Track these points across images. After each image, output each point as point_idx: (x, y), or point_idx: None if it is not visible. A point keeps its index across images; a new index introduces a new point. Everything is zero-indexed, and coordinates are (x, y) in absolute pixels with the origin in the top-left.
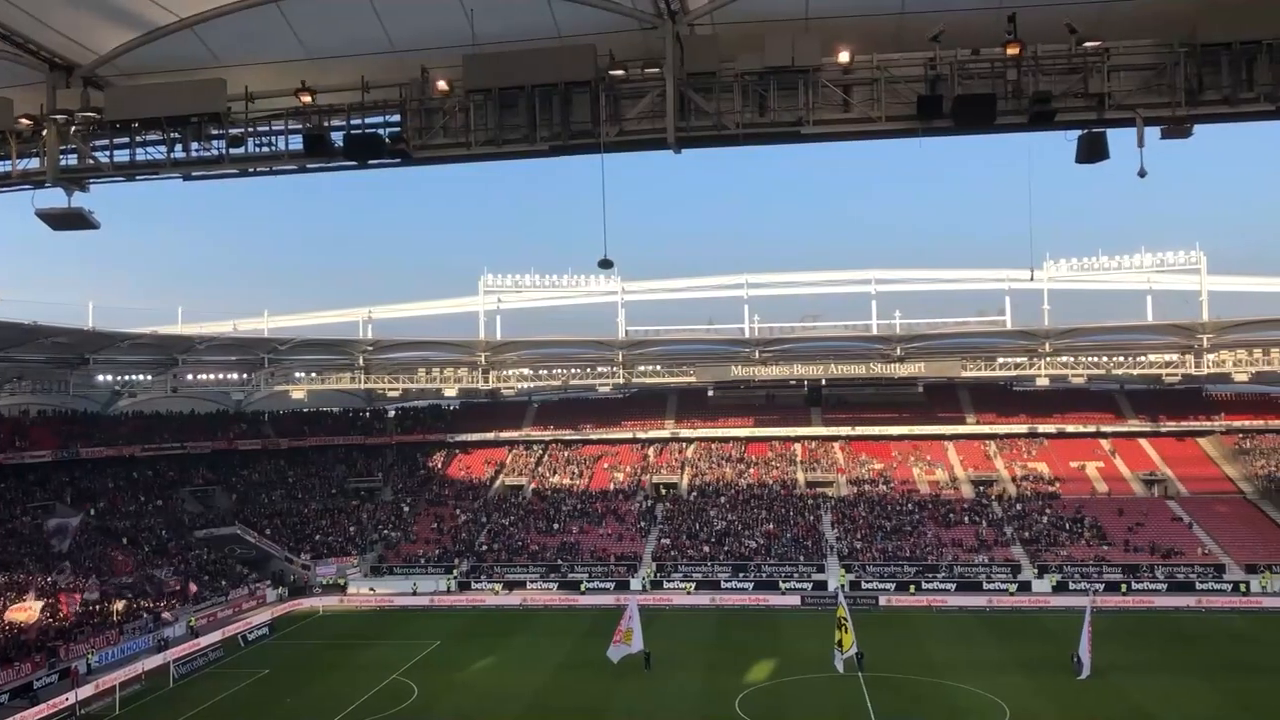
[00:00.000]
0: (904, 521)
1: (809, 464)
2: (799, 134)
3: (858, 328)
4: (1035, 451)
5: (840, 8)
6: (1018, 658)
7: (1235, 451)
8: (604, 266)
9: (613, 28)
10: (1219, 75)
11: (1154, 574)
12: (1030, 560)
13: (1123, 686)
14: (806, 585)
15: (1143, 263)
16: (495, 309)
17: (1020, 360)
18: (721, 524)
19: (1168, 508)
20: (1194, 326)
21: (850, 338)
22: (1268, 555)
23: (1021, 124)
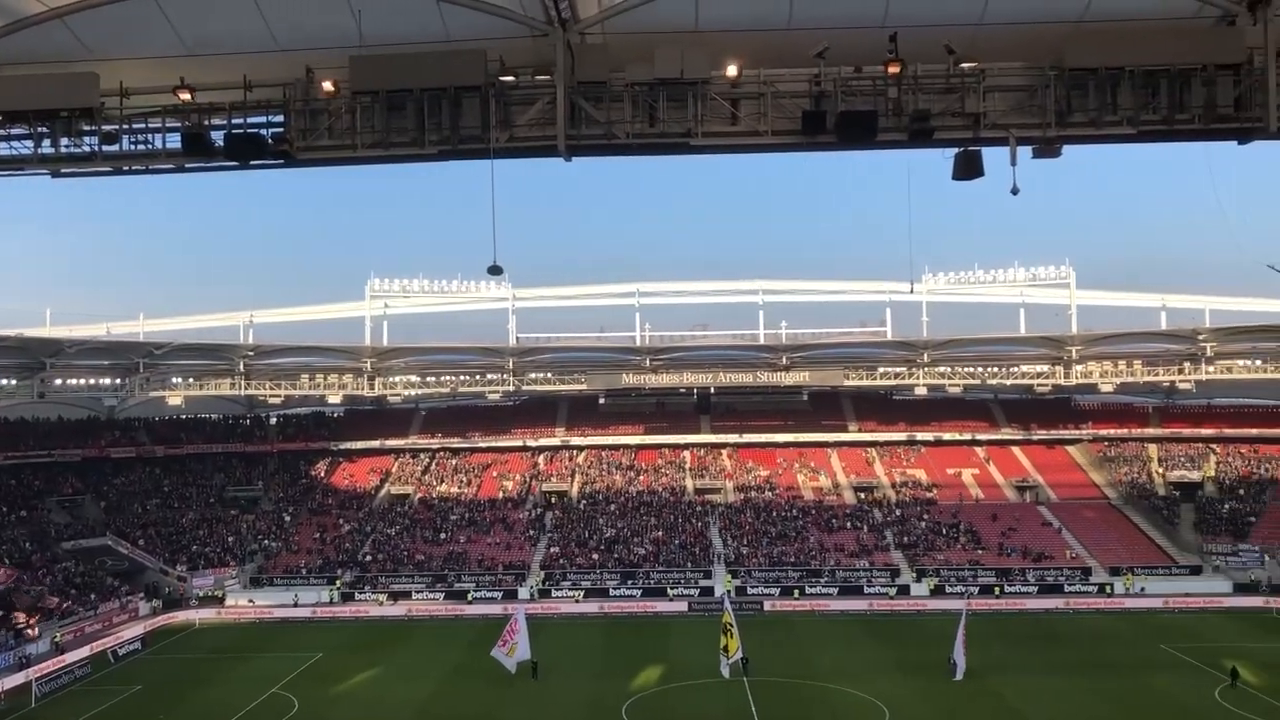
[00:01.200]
0: (789, 527)
1: (698, 471)
2: (688, 145)
3: (746, 337)
4: (914, 459)
5: (728, 21)
6: (897, 660)
7: (1101, 459)
8: (494, 273)
9: (503, 34)
10: (1086, 99)
11: (1025, 577)
12: (909, 564)
13: (996, 686)
14: (694, 591)
15: (1016, 277)
16: (382, 314)
17: (900, 370)
18: (611, 531)
19: (1038, 513)
20: (1063, 339)
21: (739, 347)
22: (1130, 558)
23: (901, 141)
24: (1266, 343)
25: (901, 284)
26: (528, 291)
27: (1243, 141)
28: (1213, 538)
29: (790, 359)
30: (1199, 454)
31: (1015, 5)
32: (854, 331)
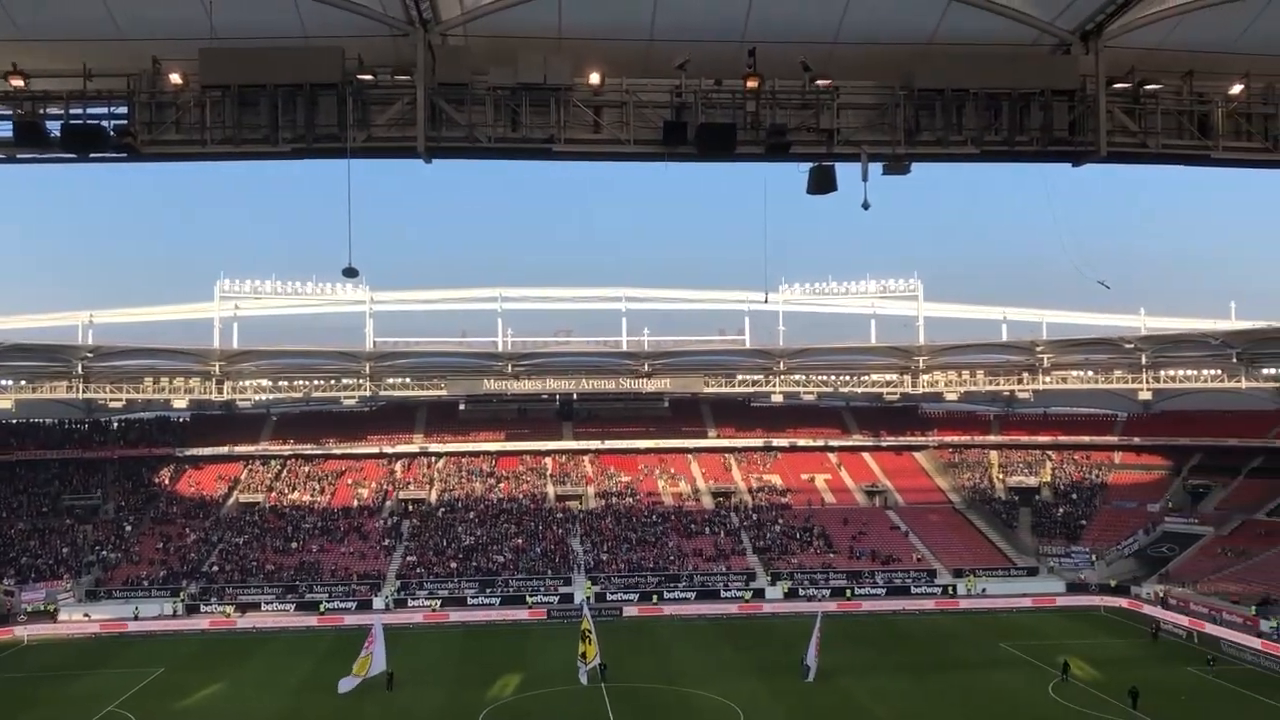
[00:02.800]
0: (649, 533)
1: (559, 477)
2: (550, 151)
3: (609, 344)
4: (770, 464)
5: (591, 29)
6: (752, 663)
7: (946, 465)
8: (349, 275)
9: (362, 32)
10: (933, 119)
11: (874, 579)
12: (764, 568)
13: (846, 686)
14: (553, 599)
15: (868, 289)
16: (232, 316)
17: (758, 378)
18: (470, 539)
19: (887, 517)
20: (911, 349)
21: (601, 353)
22: (972, 560)
23: (759, 154)
24: (1098, 354)
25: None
26: (386, 294)
27: (1076, 164)
28: (1048, 540)
29: (652, 366)
30: (1036, 460)
31: (868, 25)
32: (714, 340)
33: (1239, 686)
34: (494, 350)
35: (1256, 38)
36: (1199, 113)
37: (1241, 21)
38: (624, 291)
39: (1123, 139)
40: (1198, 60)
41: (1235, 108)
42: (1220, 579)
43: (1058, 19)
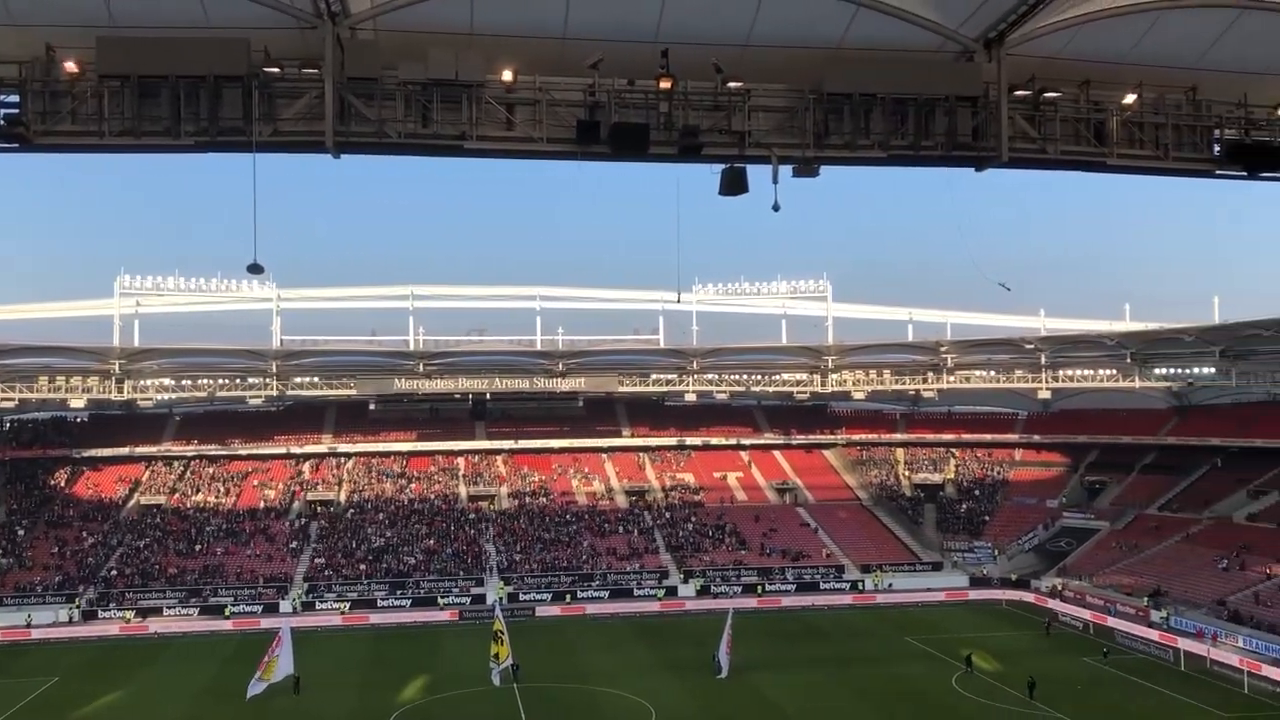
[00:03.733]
0: (562, 533)
1: (472, 478)
2: (462, 148)
3: (523, 343)
4: (683, 463)
5: (504, 26)
6: (664, 661)
7: (854, 462)
8: (254, 271)
9: (269, 23)
10: (842, 122)
11: (785, 576)
12: (677, 566)
13: (756, 682)
14: (465, 600)
15: (779, 290)
16: (133, 313)
17: (671, 377)
18: (380, 541)
19: (797, 514)
20: (821, 349)
21: (515, 352)
22: (879, 556)
23: (672, 155)
24: (999, 355)
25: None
26: (294, 292)
27: (979, 168)
28: (952, 536)
29: (566, 365)
30: (940, 458)
31: (779, 29)
32: (628, 339)
33: (1132, 675)
34: (405, 349)
35: (1148, 51)
36: (1095, 120)
37: (1133, 35)
38: (538, 290)
39: (1023, 144)
40: (1094, 70)
41: (1129, 116)
42: (1115, 572)
43: (962, 26)
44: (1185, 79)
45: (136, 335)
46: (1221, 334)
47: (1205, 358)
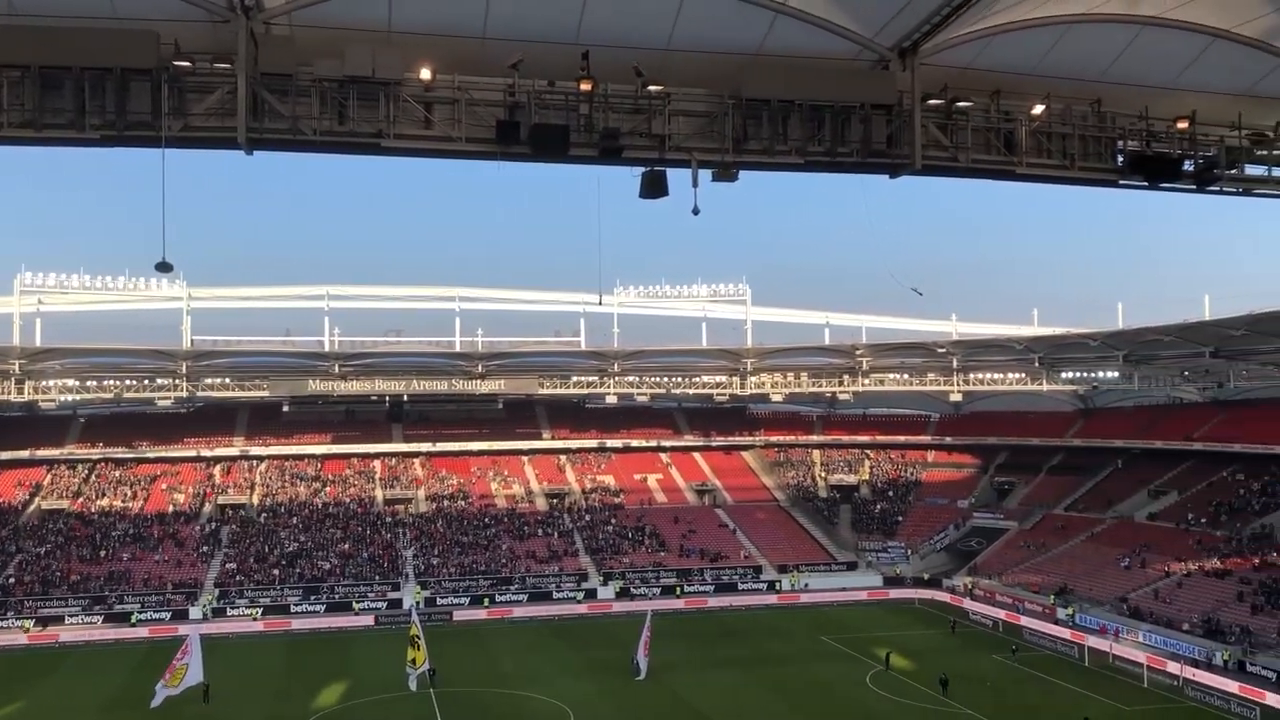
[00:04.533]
0: (481, 536)
1: (388, 481)
2: (379, 146)
3: (442, 344)
4: (604, 465)
5: (423, 25)
6: (583, 663)
7: (772, 464)
8: (162, 270)
9: (179, 16)
10: (760, 128)
11: (703, 577)
12: (597, 568)
13: (673, 683)
14: (382, 605)
15: (699, 293)
16: (35, 311)
17: (592, 379)
18: (294, 545)
19: (716, 515)
20: (740, 352)
21: (434, 354)
22: (796, 556)
23: (593, 156)
24: (912, 358)
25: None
26: (205, 291)
27: (893, 175)
28: (866, 536)
29: (486, 367)
30: (856, 459)
31: (699, 33)
32: (549, 341)
33: (1038, 671)
34: (321, 350)
35: (1055, 64)
36: (1005, 130)
37: (1042, 48)
38: (458, 291)
39: (936, 153)
40: (1004, 81)
41: (1037, 127)
42: (1023, 570)
43: (877, 36)
44: (1090, 91)
45: (38, 334)
46: (1124, 339)
47: (1109, 362)
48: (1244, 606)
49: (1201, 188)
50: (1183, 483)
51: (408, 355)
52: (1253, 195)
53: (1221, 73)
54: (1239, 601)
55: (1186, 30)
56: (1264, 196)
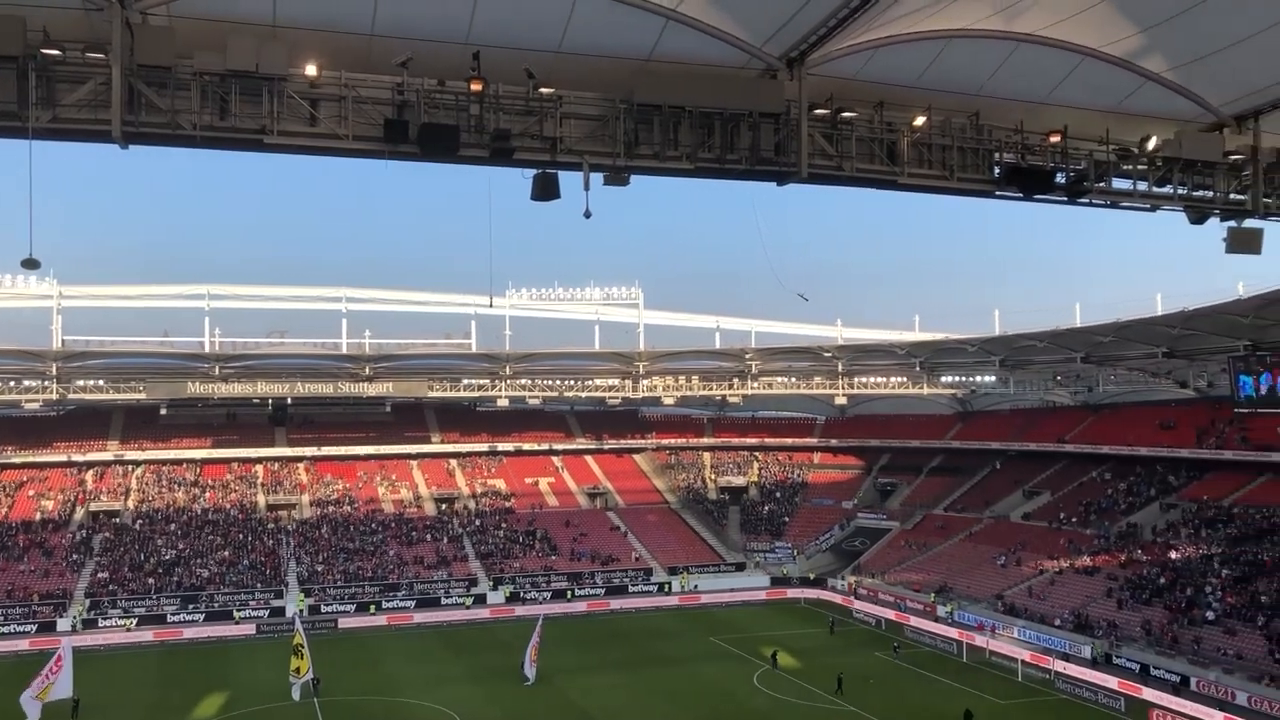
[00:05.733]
0: (367, 542)
1: (271, 486)
2: (262, 143)
3: (327, 345)
4: (494, 469)
5: (309, 20)
6: (471, 669)
7: (663, 466)
8: (29, 267)
9: (49, 1)
10: (651, 133)
11: (594, 580)
12: (486, 573)
13: (563, 686)
14: (263, 613)
15: (592, 296)
16: None
17: (483, 382)
18: (171, 553)
19: (607, 518)
20: (632, 355)
21: (319, 356)
22: (686, 558)
23: (483, 158)
24: (800, 362)
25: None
26: (77, 289)
27: (781, 183)
28: (754, 537)
29: (373, 369)
30: (745, 461)
31: (591, 37)
32: (439, 343)
33: (919, 668)
34: (200, 351)
35: (936, 77)
36: (888, 141)
37: (923, 61)
38: (344, 291)
39: (822, 162)
40: (887, 93)
41: (918, 138)
42: (904, 569)
43: (766, 45)
44: (969, 105)
45: None
46: (1001, 345)
47: (986, 366)
48: (1111, 602)
49: (1072, 199)
50: (1055, 483)
51: (292, 357)
52: (1119, 208)
53: (1091, 90)
54: (1107, 597)
55: (1059, 48)
56: (1129, 209)
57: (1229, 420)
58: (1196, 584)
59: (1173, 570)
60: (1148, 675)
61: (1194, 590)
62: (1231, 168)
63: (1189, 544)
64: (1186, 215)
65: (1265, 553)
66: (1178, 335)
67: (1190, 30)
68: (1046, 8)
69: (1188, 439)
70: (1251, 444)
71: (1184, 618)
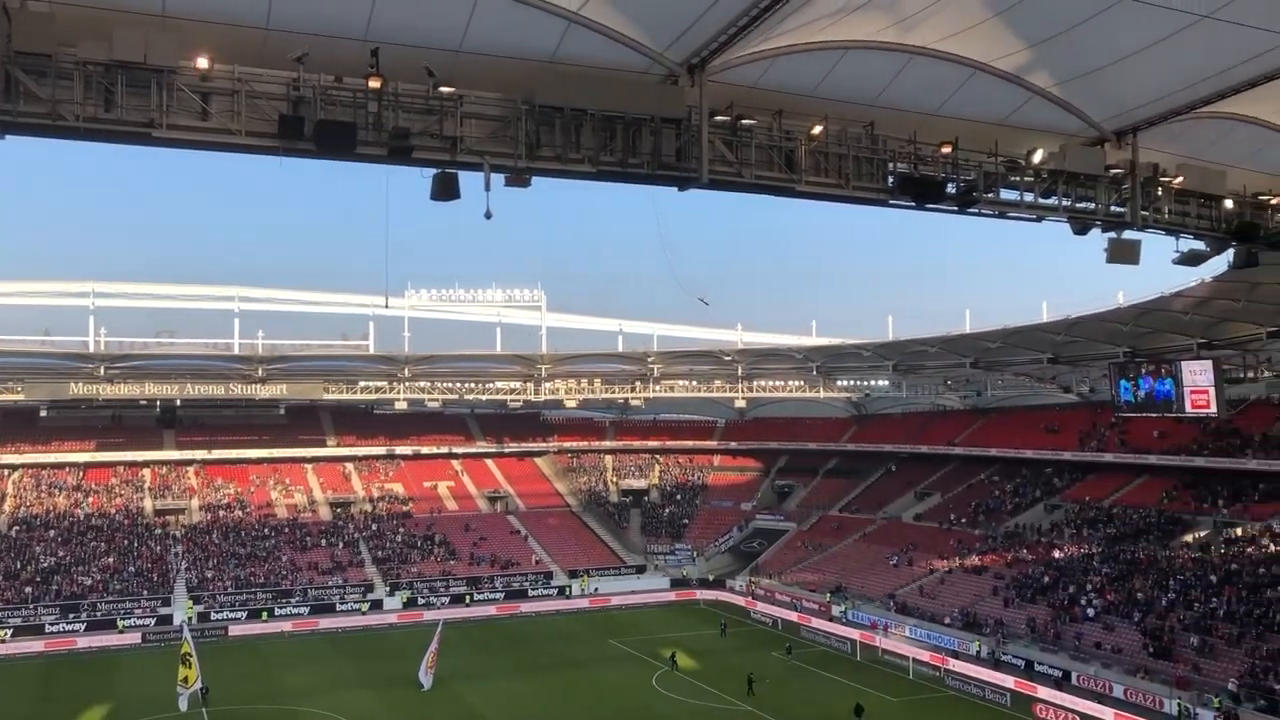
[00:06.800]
0: (259, 547)
1: (159, 490)
2: (150, 136)
3: (219, 346)
4: (392, 472)
5: (201, 11)
6: (367, 676)
7: (565, 470)
8: None
9: None
10: (553, 135)
11: (494, 584)
12: (383, 579)
13: (461, 692)
14: (150, 621)
15: (494, 298)
16: None
17: (381, 384)
18: (50, 561)
19: (508, 522)
20: (534, 358)
21: (210, 356)
22: (587, 561)
23: (381, 156)
24: (701, 365)
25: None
26: None
27: (682, 188)
28: (655, 539)
29: (267, 371)
30: (646, 464)
31: (492, 38)
32: (335, 344)
33: (814, 667)
34: (84, 351)
35: (832, 87)
36: (787, 149)
37: (820, 71)
38: (237, 291)
39: (722, 168)
40: (786, 101)
41: (816, 147)
42: (801, 570)
43: (668, 51)
44: (865, 115)
45: None
46: (894, 349)
47: (880, 371)
48: (998, 600)
49: (962, 209)
50: (945, 485)
51: (181, 357)
52: (1007, 218)
53: (982, 103)
54: (994, 596)
55: (951, 61)
56: (1016, 219)
57: (1109, 424)
58: (1078, 582)
59: (1056, 569)
60: (1032, 671)
61: (1075, 588)
62: (1112, 181)
63: (1071, 543)
64: (1070, 226)
65: (1141, 551)
66: (1062, 342)
67: (1075, 48)
68: (940, 21)
69: (1071, 442)
70: (1130, 447)
71: (1066, 615)
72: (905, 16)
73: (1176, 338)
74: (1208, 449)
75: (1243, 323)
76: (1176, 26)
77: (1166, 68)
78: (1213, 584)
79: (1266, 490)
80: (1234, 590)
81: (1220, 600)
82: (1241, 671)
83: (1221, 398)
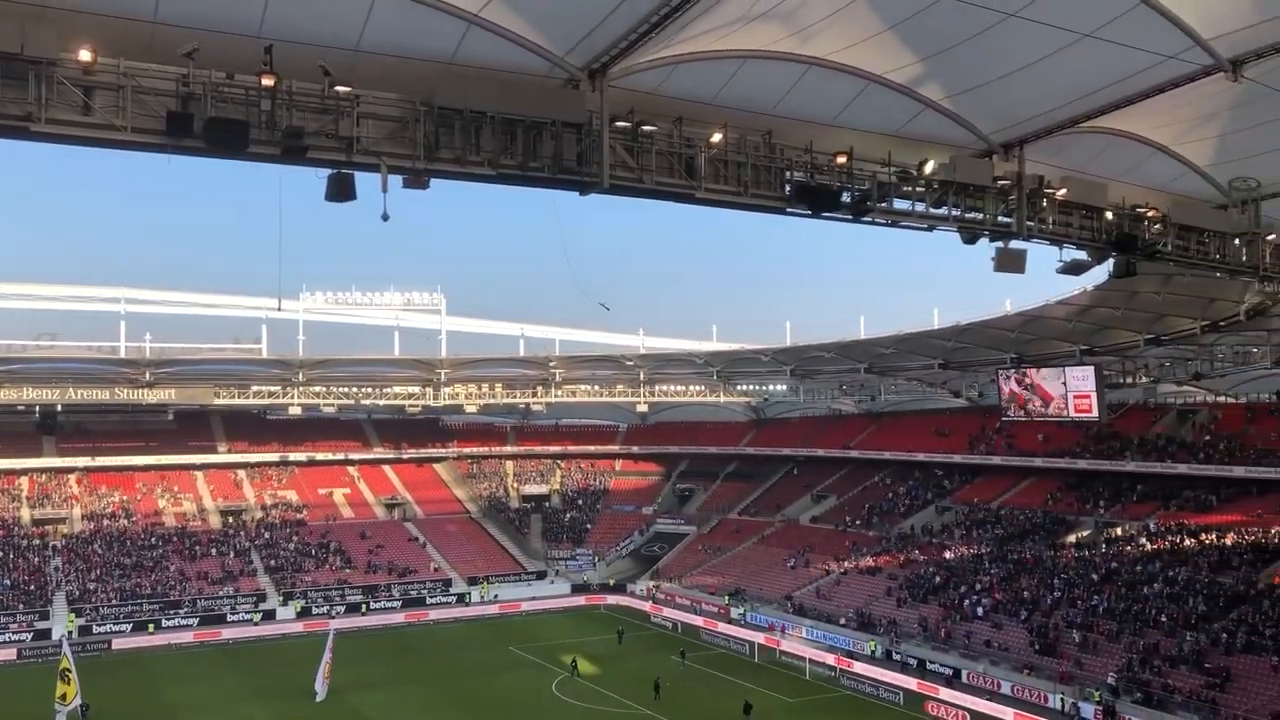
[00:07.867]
0: (146, 557)
1: (38, 499)
2: (29, 130)
3: (103, 349)
4: (286, 479)
5: (85, 2)
6: (258, 688)
7: (465, 475)
8: None
9: None
10: (453, 137)
11: (391, 593)
12: (276, 588)
13: (357, 704)
14: (27, 636)
15: (392, 301)
16: None
17: (275, 389)
18: None
19: (406, 529)
20: (434, 362)
21: (94, 359)
22: (487, 567)
23: (274, 155)
24: (603, 370)
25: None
26: None
27: (583, 193)
28: (556, 544)
29: (154, 375)
30: (548, 469)
31: (390, 38)
32: (227, 348)
33: (713, 669)
34: None
35: (732, 95)
36: (687, 155)
37: (720, 80)
38: (123, 292)
39: (623, 173)
40: (686, 108)
41: (715, 154)
42: (701, 573)
43: (569, 55)
44: (763, 124)
45: None
46: (792, 355)
47: (779, 375)
48: (891, 600)
49: (857, 218)
50: (841, 488)
51: (63, 361)
52: (899, 227)
53: (876, 114)
54: (887, 596)
55: (847, 73)
56: (909, 228)
57: (997, 428)
58: (969, 582)
59: (947, 569)
60: (925, 669)
61: (966, 588)
62: (1000, 192)
63: (962, 544)
64: (960, 235)
65: (1028, 551)
66: (952, 348)
67: (964, 63)
68: (837, 33)
69: (960, 445)
70: (1016, 450)
71: (956, 614)
72: (803, 27)
73: (1060, 344)
74: (1089, 452)
75: (1122, 330)
76: (1059, 45)
77: (1050, 83)
78: (1094, 582)
79: (1144, 491)
80: (1113, 588)
81: (1101, 598)
82: (1120, 665)
83: (1103, 402)
